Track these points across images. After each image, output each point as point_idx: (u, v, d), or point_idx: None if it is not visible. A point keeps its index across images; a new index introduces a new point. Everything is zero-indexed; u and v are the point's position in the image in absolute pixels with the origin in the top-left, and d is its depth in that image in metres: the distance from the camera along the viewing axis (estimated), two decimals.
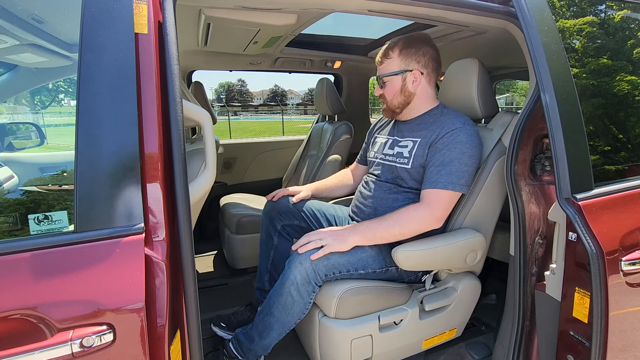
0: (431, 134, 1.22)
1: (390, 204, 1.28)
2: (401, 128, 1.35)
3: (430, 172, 1.17)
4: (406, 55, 1.24)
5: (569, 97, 1.00)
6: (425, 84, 1.27)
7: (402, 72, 1.24)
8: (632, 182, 1.12)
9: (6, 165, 1.10)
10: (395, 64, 1.25)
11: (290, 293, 1.10)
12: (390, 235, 1.15)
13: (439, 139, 1.18)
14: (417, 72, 1.25)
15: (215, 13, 1.34)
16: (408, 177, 1.25)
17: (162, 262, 0.68)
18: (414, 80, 1.25)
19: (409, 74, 1.25)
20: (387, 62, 1.26)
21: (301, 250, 1.12)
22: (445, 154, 1.16)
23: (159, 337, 0.66)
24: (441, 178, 1.14)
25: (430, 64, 1.27)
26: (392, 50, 1.25)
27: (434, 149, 1.19)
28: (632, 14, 1.27)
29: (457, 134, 1.17)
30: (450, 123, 1.20)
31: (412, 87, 1.26)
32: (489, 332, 1.56)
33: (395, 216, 1.15)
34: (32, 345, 0.59)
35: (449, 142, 1.16)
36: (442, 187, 1.14)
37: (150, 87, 0.71)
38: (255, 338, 1.17)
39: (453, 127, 1.18)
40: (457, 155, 1.15)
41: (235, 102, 62.88)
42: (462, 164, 1.15)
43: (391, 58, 1.25)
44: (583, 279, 0.95)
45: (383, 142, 1.39)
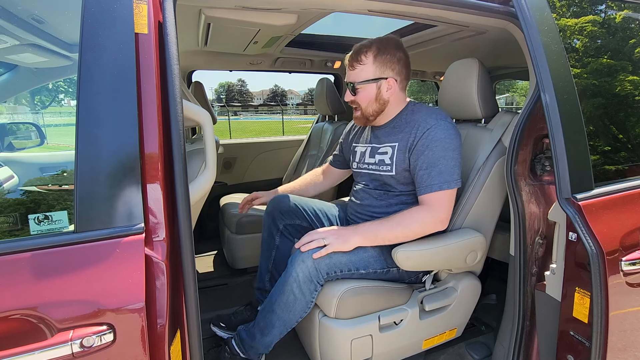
0: (407, 137, 1.19)
1: (384, 209, 1.28)
2: (377, 134, 1.31)
3: (421, 177, 1.15)
4: (381, 61, 1.18)
5: (569, 97, 1.00)
6: (398, 90, 1.24)
7: (377, 79, 1.19)
8: (632, 182, 1.12)
9: (6, 165, 1.10)
10: (369, 71, 1.19)
11: (293, 290, 1.10)
12: (393, 237, 1.14)
13: (417, 141, 1.16)
14: (392, 79, 1.20)
15: (215, 13, 1.34)
16: (395, 182, 1.24)
17: (162, 262, 0.68)
18: (388, 88, 1.21)
19: (384, 82, 1.20)
20: (360, 67, 1.19)
21: (304, 249, 1.12)
22: (429, 155, 1.14)
23: (159, 337, 0.66)
24: (433, 180, 1.13)
25: (404, 70, 1.24)
26: (364, 55, 1.18)
27: (415, 152, 1.16)
28: (633, 14, 1.27)
29: (433, 132, 1.14)
30: (423, 122, 1.17)
31: (387, 95, 1.21)
32: (489, 332, 1.56)
33: (398, 218, 1.15)
34: (33, 345, 0.59)
35: (428, 142, 1.14)
36: (438, 189, 1.12)
37: (150, 87, 0.71)
38: (257, 335, 1.17)
39: (428, 126, 1.16)
40: (441, 153, 1.13)
41: (235, 102, 62.87)
42: (448, 159, 1.13)
43: (365, 64, 1.18)
44: (583, 279, 0.95)
45: (363, 151, 1.35)
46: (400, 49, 1.22)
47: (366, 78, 1.19)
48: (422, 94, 46.30)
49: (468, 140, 1.43)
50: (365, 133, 1.38)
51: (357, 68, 1.20)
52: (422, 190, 1.15)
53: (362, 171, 1.35)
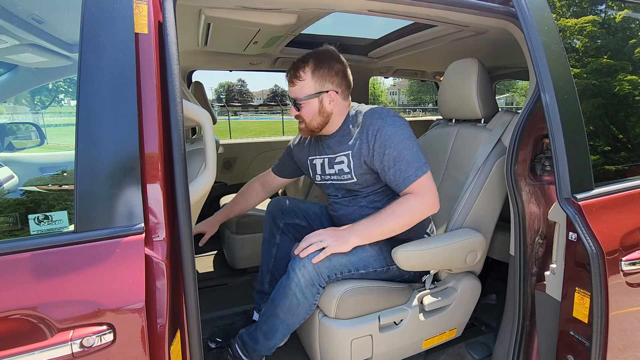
0: (358, 143, 1.20)
1: (357, 212, 1.28)
2: (329, 144, 1.30)
3: (394, 175, 1.15)
4: (319, 76, 1.18)
5: (569, 97, 1.00)
6: (341, 101, 1.24)
7: (318, 94, 1.19)
8: (632, 182, 1.12)
9: (6, 165, 1.10)
10: (309, 86, 1.19)
11: (295, 295, 1.10)
12: (389, 230, 1.14)
13: (373, 145, 1.16)
14: (332, 92, 1.20)
15: (215, 13, 1.34)
16: (359, 187, 1.26)
17: (162, 262, 0.68)
18: (331, 101, 1.21)
19: (325, 95, 1.20)
20: (300, 83, 1.19)
21: (303, 255, 1.12)
22: (391, 153, 1.14)
23: (159, 337, 0.66)
24: (407, 172, 1.13)
25: (343, 81, 1.24)
26: (303, 71, 1.18)
27: (376, 156, 1.16)
28: (633, 13, 1.27)
29: (384, 131, 1.15)
30: (371, 125, 1.18)
31: (330, 107, 1.22)
32: (489, 332, 1.56)
33: (390, 210, 1.15)
34: (33, 345, 0.59)
35: (383, 142, 1.15)
36: (415, 178, 1.13)
37: (150, 87, 0.71)
38: (260, 339, 1.18)
39: (376, 128, 1.16)
40: (400, 147, 1.14)
41: (235, 102, 62.86)
42: (410, 148, 1.14)
43: (304, 80, 1.18)
44: (583, 279, 0.95)
45: (321, 163, 1.35)
46: (338, 60, 1.23)
47: (307, 94, 1.19)
48: (422, 94, 46.06)
49: (468, 140, 1.43)
50: (319, 144, 1.36)
51: (297, 84, 1.20)
52: (400, 185, 1.16)
53: (326, 183, 1.36)
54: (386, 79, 3.37)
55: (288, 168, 1.55)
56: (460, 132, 1.48)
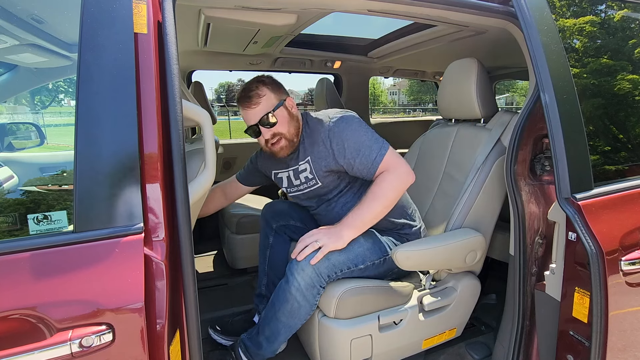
0: (315, 147, 1.23)
1: (339, 211, 1.29)
2: (290, 157, 1.32)
3: (361, 163, 1.18)
4: (273, 89, 1.23)
5: (568, 97, 1.00)
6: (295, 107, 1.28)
7: (281, 102, 1.23)
8: (631, 182, 1.11)
9: (6, 165, 1.10)
10: (272, 98, 1.22)
11: (296, 299, 1.11)
12: (378, 213, 1.16)
13: (330, 146, 1.20)
14: (288, 99, 1.26)
15: (215, 13, 1.34)
16: (325, 190, 1.28)
17: (162, 262, 0.68)
18: (292, 107, 1.26)
19: (286, 102, 1.25)
20: (264, 99, 1.20)
21: (300, 258, 1.12)
22: (350, 146, 1.18)
23: (159, 337, 0.66)
24: (371, 156, 1.16)
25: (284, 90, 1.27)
26: (260, 91, 1.21)
27: (338, 155, 1.19)
28: (632, 13, 1.27)
29: (334, 130, 1.19)
30: (322, 130, 1.22)
31: (295, 111, 1.27)
32: (488, 331, 1.56)
33: (371, 195, 1.16)
34: (32, 345, 0.58)
35: (338, 139, 1.19)
36: (380, 159, 1.16)
37: (150, 87, 0.71)
38: (263, 344, 1.18)
39: (327, 130, 1.21)
40: (355, 135, 1.18)
41: (235, 102, 62.76)
42: (363, 133, 1.18)
43: (264, 95, 1.21)
44: (583, 278, 0.95)
45: (287, 176, 1.37)
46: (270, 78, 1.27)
47: (274, 104, 1.21)
48: (422, 94, 46.00)
49: (467, 140, 1.43)
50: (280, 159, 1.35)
51: (261, 103, 1.20)
52: (370, 170, 1.18)
53: (297, 194, 1.37)
54: (386, 79, 3.38)
55: (253, 177, 1.55)
56: (459, 132, 1.48)
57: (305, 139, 1.28)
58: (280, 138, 1.23)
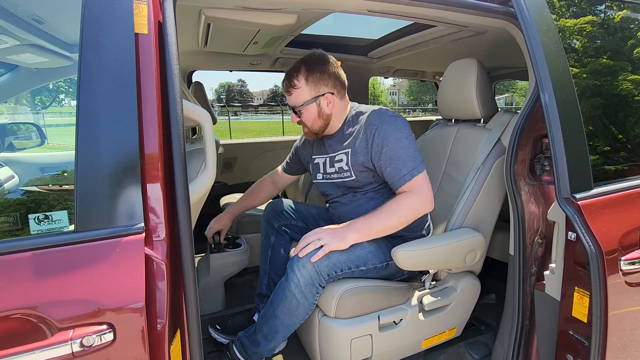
0: (357, 141, 1.23)
1: (356, 210, 1.29)
2: (330, 143, 1.34)
3: (390, 173, 1.17)
4: (313, 81, 1.21)
5: (568, 97, 1.01)
6: (338, 101, 1.27)
7: (315, 98, 1.22)
8: (631, 181, 1.12)
9: (7, 165, 1.10)
10: (305, 93, 1.22)
11: (295, 296, 1.10)
12: (387, 228, 1.15)
13: (372, 144, 1.19)
14: (329, 94, 1.23)
15: (215, 13, 1.34)
16: (358, 184, 1.27)
17: (162, 262, 0.68)
18: (328, 103, 1.24)
19: (322, 98, 1.23)
20: (296, 92, 1.23)
21: (302, 254, 1.12)
22: (387, 152, 1.16)
23: (159, 336, 0.66)
24: (402, 172, 1.15)
25: (337, 82, 1.26)
26: (297, 80, 1.22)
27: (374, 155, 1.19)
28: (632, 14, 1.27)
29: (381, 130, 1.17)
30: (370, 124, 1.20)
31: (328, 109, 1.25)
32: (488, 331, 1.56)
33: (387, 208, 1.15)
34: (33, 345, 0.59)
35: (380, 141, 1.17)
36: (410, 177, 1.15)
37: (150, 87, 0.71)
38: (261, 342, 1.18)
39: (374, 127, 1.19)
40: (397, 145, 1.16)
41: (235, 102, 62.84)
42: (406, 148, 1.16)
43: (299, 88, 1.22)
44: (582, 278, 0.95)
45: (323, 162, 1.38)
46: (328, 63, 1.24)
47: (304, 100, 1.23)
48: (421, 94, 46.00)
49: (467, 140, 1.43)
50: (322, 144, 1.39)
51: (294, 93, 1.24)
52: (396, 184, 1.17)
53: (326, 182, 1.37)
54: (386, 79, 3.38)
55: (295, 166, 1.60)
56: (459, 132, 1.48)
57: (348, 129, 1.27)
58: (305, 127, 1.30)
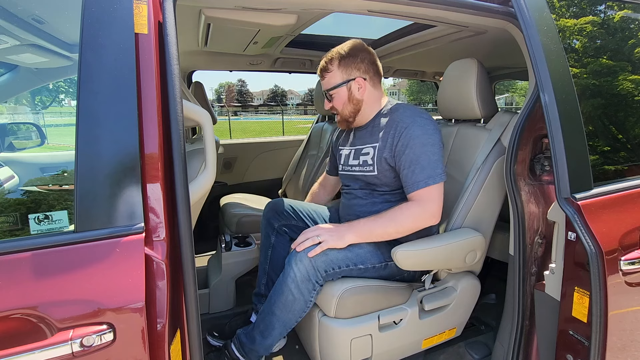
0: (387, 137, 1.22)
1: (369, 208, 1.29)
2: (359, 135, 1.35)
3: (406, 176, 1.17)
4: (345, 65, 1.24)
5: (568, 97, 1.01)
6: (370, 88, 1.28)
7: (345, 82, 1.25)
8: (631, 181, 1.12)
9: (7, 165, 1.10)
10: (337, 76, 1.26)
11: (291, 290, 1.11)
12: (386, 234, 1.16)
13: (397, 142, 1.18)
14: (360, 79, 1.25)
15: (215, 13, 1.34)
16: (378, 182, 1.27)
17: (162, 262, 0.68)
18: (359, 87, 1.26)
19: (353, 82, 1.25)
20: (329, 75, 1.27)
21: (299, 248, 1.13)
22: (409, 154, 1.16)
23: (159, 336, 0.66)
24: (418, 177, 1.14)
25: (371, 68, 1.27)
26: (330, 64, 1.26)
27: (397, 153, 1.19)
28: (632, 14, 1.27)
29: (410, 130, 1.17)
30: (400, 122, 1.20)
31: (359, 94, 1.27)
32: (488, 331, 1.56)
33: (390, 214, 1.15)
34: (33, 345, 0.59)
35: (406, 141, 1.16)
36: (424, 185, 1.14)
37: (150, 87, 0.71)
38: (257, 338, 1.17)
39: (405, 125, 1.18)
40: (420, 150, 1.15)
41: (235, 102, 62.82)
42: (429, 154, 1.15)
43: (331, 71, 1.26)
44: (582, 278, 0.95)
45: (347, 154, 1.39)
46: (363, 50, 1.27)
47: (336, 83, 1.26)
48: (422, 94, 46.02)
49: (467, 140, 1.43)
50: (350, 136, 1.41)
51: (327, 77, 1.28)
52: (408, 188, 1.17)
53: (347, 173, 1.37)
54: (386, 79, 3.38)
55: (335, 164, 1.59)
56: (459, 132, 1.48)
57: (379, 122, 1.28)
58: (336, 112, 1.33)
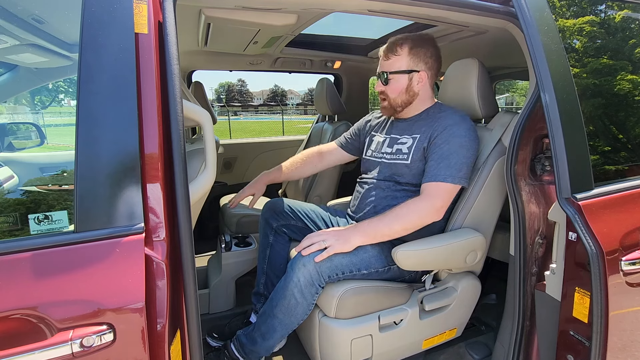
0: (430, 130, 1.23)
1: (389, 202, 1.28)
2: (399, 126, 1.35)
3: (430, 166, 1.18)
4: (415, 55, 1.23)
5: (568, 96, 1.00)
6: (427, 85, 1.28)
7: (409, 71, 1.24)
8: (632, 182, 1.12)
9: (6, 165, 1.10)
10: (403, 62, 1.23)
11: (294, 295, 1.10)
12: (393, 232, 1.15)
13: (438, 135, 1.19)
14: (424, 73, 1.25)
15: (215, 13, 1.34)
16: (407, 172, 1.26)
17: (162, 262, 0.68)
18: (419, 81, 1.25)
19: (416, 75, 1.25)
20: (395, 58, 1.24)
21: (304, 253, 1.12)
22: (443, 148, 1.17)
23: (159, 336, 0.66)
24: (440, 171, 1.15)
25: (435, 65, 1.28)
26: (400, 48, 1.23)
27: (433, 144, 1.20)
28: (633, 14, 1.27)
29: (454, 128, 1.18)
30: (448, 118, 1.21)
31: (417, 88, 1.26)
32: (489, 332, 1.56)
33: (395, 212, 1.15)
34: (33, 345, 0.59)
35: (447, 136, 1.17)
36: (442, 180, 1.14)
37: (150, 87, 0.71)
38: (258, 340, 1.17)
39: (451, 122, 1.19)
40: (455, 149, 1.16)
41: (235, 102, 62.83)
42: (461, 156, 1.16)
43: (399, 55, 1.23)
44: (583, 278, 0.95)
45: (381, 141, 1.37)
46: (434, 45, 1.27)
47: (399, 68, 1.24)
48: None
49: None
50: (387, 125, 1.40)
51: (392, 59, 1.24)
52: (426, 177, 1.18)
53: (375, 160, 1.36)
54: None
55: (354, 143, 1.56)
56: None
57: (423, 118, 1.28)
58: (385, 98, 1.29)
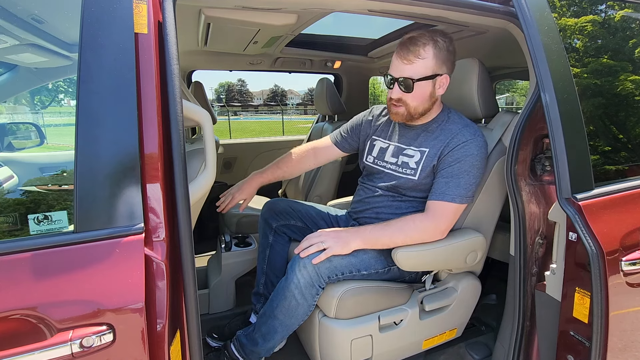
0: (440, 144, 1.17)
1: (393, 211, 1.26)
2: (405, 134, 1.25)
3: (439, 183, 1.14)
4: (441, 57, 1.10)
5: (569, 96, 1.00)
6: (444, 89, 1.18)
7: (433, 76, 1.11)
8: (632, 182, 1.11)
9: (6, 165, 1.10)
10: (428, 66, 1.09)
11: (295, 296, 1.10)
12: (392, 243, 1.15)
13: (450, 152, 1.14)
14: (446, 76, 1.14)
15: (215, 13, 1.34)
16: (412, 187, 1.22)
17: (162, 262, 0.68)
18: (441, 85, 1.15)
19: (439, 78, 1.13)
20: (419, 62, 1.08)
21: (303, 254, 1.12)
22: (454, 166, 1.13)
23: (159, 337, 0.66)
24: (449, 190, 1.12)
25: (452, 67, 1.18)
26: (424, 50, 1.08)
27: (443, 161, 1.15)
28: (633, 13, 1.27)
29: (468, 147, 1.13)
30: (460, 134, 1.15)
31: (439, 93, 1.16)
32: (489, 332, 1.56)
33: (399, 225, 1.14)
34: (32, 346, 0.58)
35: (460, 155, 1.13)
36: (450, 200, 1.12)
37: (150, 87, 0.71)
38: (259, 341, 1.17)
39: (464, 139, 1.14)
40: (467, 169, 1.13)
41: (235, 102, 62.83)
42: (471, 176, 1.13)
43: (424, 58, 1.08)
44: (583, 279, 0.95)
45: (384, 148, 1.29)
46: (453, 43, 1.15)
47: (425, 74, 1.10)
48: None
49: None
50: (391, 129, 1.30)
51: (415, 63, 1.08)
52: (433, 196, 1.15)
53: (377, 167, 1.30)
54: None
55: (350, 142, 1.44)
56: None
57: (437, 129, 1.19)
58: (402, 106, 1.15)
